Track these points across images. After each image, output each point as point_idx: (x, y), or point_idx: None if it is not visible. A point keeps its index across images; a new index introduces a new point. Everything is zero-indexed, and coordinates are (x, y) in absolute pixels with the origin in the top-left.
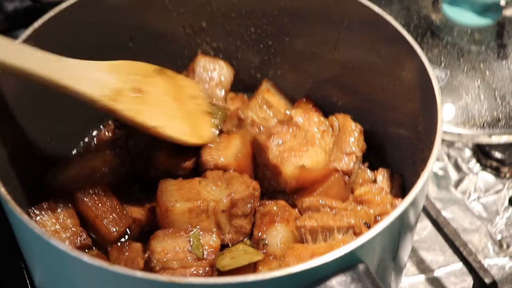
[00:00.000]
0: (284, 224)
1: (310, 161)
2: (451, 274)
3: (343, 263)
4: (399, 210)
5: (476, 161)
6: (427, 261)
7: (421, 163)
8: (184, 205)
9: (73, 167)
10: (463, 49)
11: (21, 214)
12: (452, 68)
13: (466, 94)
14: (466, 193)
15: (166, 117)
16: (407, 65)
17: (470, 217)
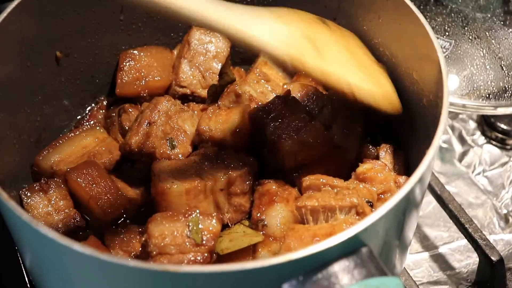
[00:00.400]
0: (283, 204)
1: (308, 136)
2: (455, 250)
3: (346, 248)
4: (404, 190)
5: (481, 133)
6: (431, 238)
7: (426, 139)
8: (181, 186)
9: (64, 146)
10: (468, 17)
11: (7, 200)
12: (456, 37)
13: (471, 64)
14: (471, 166)
15: (355, 72)
16: (409, 35)
17: (475, 191)
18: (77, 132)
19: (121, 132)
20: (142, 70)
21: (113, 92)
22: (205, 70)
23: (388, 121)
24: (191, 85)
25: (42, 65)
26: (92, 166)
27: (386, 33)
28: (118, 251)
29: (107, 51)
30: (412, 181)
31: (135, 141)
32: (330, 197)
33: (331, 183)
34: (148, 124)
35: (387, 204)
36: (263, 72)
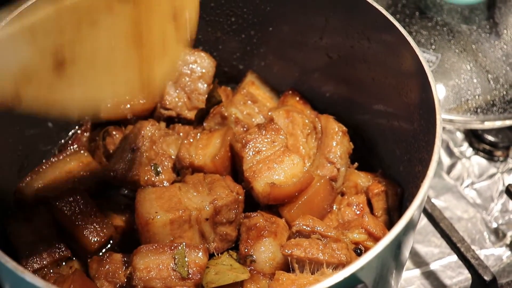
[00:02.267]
0: (272, 239)
1: (284, 175)
2: (447, 267)
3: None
4: (397, 229)
5: (469, 144)
6: (422, 254)
7: (418, 163)
8: (165, 217)
9: (48, 172)
10: (454, 29)
11: None
12: (443, 51)
13: (458, 77)
14: (459, 179)
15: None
16: (398, 55)
17: (464, 205)
18: (60, 156)
19: (105, 156)
20: None
21: None
22: (190, 92)
23: (378, 141)
24: (176, 107)
25: None
26: (77, 193)
27: (374, 53)
28: (104, 282)
29: None
30: (404, 221)
31: (119, 167)
32: (318, 249)
33: (320, 232)
34: (132, 150)
35: (383, 241)
36: (250, 92)
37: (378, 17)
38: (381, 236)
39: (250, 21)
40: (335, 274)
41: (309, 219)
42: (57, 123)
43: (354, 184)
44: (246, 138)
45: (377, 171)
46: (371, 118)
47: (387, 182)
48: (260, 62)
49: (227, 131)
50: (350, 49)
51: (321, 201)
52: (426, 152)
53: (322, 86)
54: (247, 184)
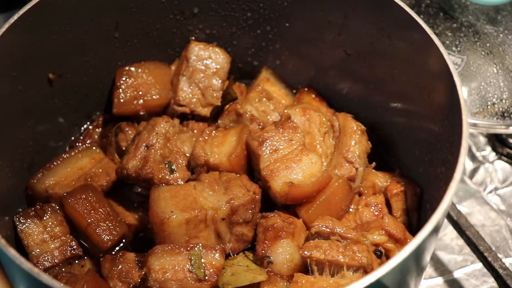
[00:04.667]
0: (289, 240)
1: (302, 174)
2: (471, 275)
3: None
4: (423, 234)
5: (492, 149)
6: (445, 262)
7: (440, 164)
8: (181, 216)
9: (59, 168)
10: (480, 31)
11: (5, 247)
12: (468, 53)
13: (484, 80)
14: (483, 184)
15: None
16: (422, 54)
17: (488, 211)
18: (72, 153)
19: (118, 152)
20: (140, 88)
21: (109, 109)
22: (205, 88)
23: (397, 140)
24: (190, 103)
25: (34, 88)
26: (89, 190)
27: (395, 51)
28: (117, 282)
29: (102, 69)
30: (428, 228)
31: (132, 165)
32: (338, 252)
33: (340, 233)
34: (145, 147)
35: (408, 247)
36: (265, 89)
37: (402, 15)
38: (402, 238)
39: (266, 16)
40: (361, 279)
41: (328, 220)
42: (68, 118)
43: (372, 184)
44: (263, 136)
45: (394, 171)
46: (389, 116)
47: (406, 182)
48: (275, 58)
49: (243, 129)
50: (369, 46)
51: (339, 202)
52: (450, 153)
53: (338, 83)
54: (264, 183)
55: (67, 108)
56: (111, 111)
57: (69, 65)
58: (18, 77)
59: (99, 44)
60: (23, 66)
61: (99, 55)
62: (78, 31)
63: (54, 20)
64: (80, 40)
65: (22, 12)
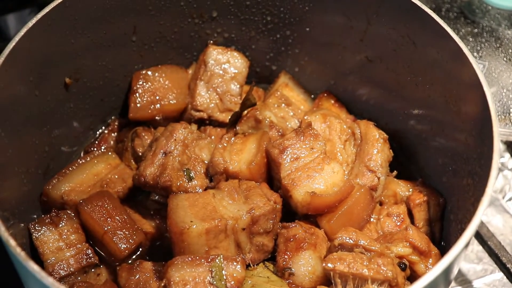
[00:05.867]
0: (312, 251)
1: (324, 184)
2: (490, 285)
3: None
4: (455, 251)
5: (511, 156)
6: (464, 271)
7: (467, 175)
8: (201, 226)
9: (75, 174)
10: (501, 37)
11: (26, 261)
12: (490, 59)
13: (506, 87)
14: (502, 191)
15: None
16: (449, 63)
17: (508, 219)
18: (87, 158)
19: (134, 158)
20: (157, 93)
21: (124, 113)
22: (222, 93)
23: (419, 149)
24: (208, 109)
25: (51, 93)
26: (106, 197)
27: (420, 58)
28: None
29: (118, 73)
30: (463, 242)
31: (150, 173)
32: (362, 265)
33: (364, 246)
34: (164, 154)
35: (439, 266)
36: (284, 94)
37: (428, 22)
38: (426, 250)
39: (286, 20)
40: None
41: (352, 232)
42: (83, 123)
43: (393, 193)
44: (284, 144)
45: (416, 179)
46: (412, 124)
47: (429, 191)
48: (294, 63)
49: (262, 136)
50: (393, 53)
51: (361, 211)
52: (479, 165)
53: (359, 89)
54: (285, 193)
55: (82, 113)
56: (127, 116)
57: (86, 69)
58: (35, 81)
59: (116, 48)
60: (40, 70)
61: (116, 59)
62: (95, 34)
63: (71, 23)
64: (98, 44)
65: (40, 16)
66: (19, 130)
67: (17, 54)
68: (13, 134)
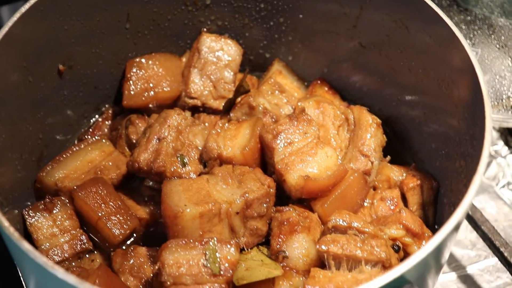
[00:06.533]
0: (305, 234)
1: (317, 168)
2: (484, 270)
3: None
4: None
5: (504, 143)
6: (458, 257)
7: (459, 158)
8: (195, 210)
9: (69, 161)
10: (494, 24)
11: (19, 241)
12: (483, 46)
13: (499, 74)
14: (495, 179)
15: None
16: (442, 47)
17: (501, 205)
18: (81, 145)
19: (128, 145)
20: (150, 80)
21: (118, 101)
22: (216, 80)
23: (412, 134)
24: (201, 96)
25: (44, 80)
26: (100, 183)
27: (413, 43)
28: (128, 277)
29: (112, 61)
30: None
31: (144, 158)
32: (356, 246)
33: (358, 227)
34: (157, 140)
35: (431, 242)
36: (278, 82)
37: (421, 7)
38: (419, 232)
39: (280, 7)
40: (384, 274)
41: (345, 214)
42: (77, 111)
43: (387, 178)
44: (277, 129)
45: (409, 164)
46: (405, 110)
47: (422, 175)
48: (288, 50)
49: (256, 122)
50: (386, 38)
51: (354, 196)
52: (471, 146)
53: (352, 76)
54: (279, 177)
55: (76, 100)
56: (121, 104)
57: (79, 56)
58: (29, 67)
59: (110, 35)
60: (34, 56)
61: (110, 46)
62: (89, 21)
63: (64, 10)
64: (91, 31)
65: (33, 2)
66: (12, 116)
67: (10, 40)
68: (6, 119)
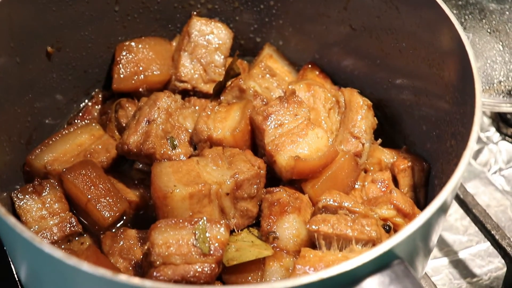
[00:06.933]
0: (296, 214)
1: (308, 149)
2: (476, 255)
3: (379, 262)
4: (437, 203)
5: (496, 129)
6: (450, 242)
7: (450, 137)
8: (184, 191)
9: (58, 144)
10: (485, 9)
11: (5, 216)
12: (474, 30)
13: (489, 58)
14: (487, 165)
15: None
16: (431, 26)
17: (493, 191)
18: (71, 129)
19: (118, 129)
20: (140, 64)
21: (108, 85)
22: (206, 64)
23: (403, 116)
24: (192, 79)
25: (32, 61)
26: (89, 166)
27: (404, 23)
28: (118, 258)
29: (101, 44)
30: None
31: (134, 140)
32: (346, 226)
33: (348, 207)
34: (147, 122)
35: (421, 217)
36: (268, 66)
37: None
38: (410, 213)
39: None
40: (373, 249)
41: (336, 194)
42: (66, 95)
43: (378, 160)
44: (268, 111)
45: (400, 147)
46: (396, 92)
47: (413, 158)
48: (278, 35)
49: (246, 104)
50: (376, 20)
51: (345, 177)
52: (462, 124)
53: (343, 59)
54: (269, 158)
55: (65, 84)
56: (111, 88)
57: (68, 38)
58: (16, 48)
59: (99, 17)
60: (21, 37)
61: (99, 29)
62: (77, 3)
63: None
64: (80, 13)
65: None
66: (0, 97)
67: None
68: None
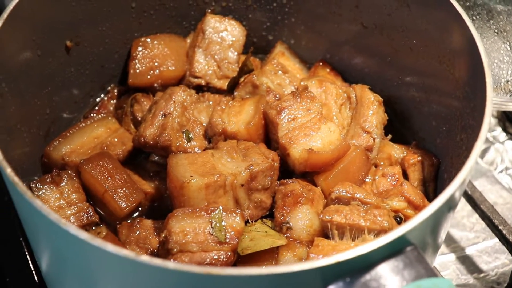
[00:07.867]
0: (309, 206)
1: (321, 142)
2: (483, 252)
3: (393, 248)
4: (447, 194)
5: (502, 129)
6: (457, 239)
7: (460, 131)
8: (201, 181)
9: (76, 137)
10: (492, 10)
11: (31, 199)
12: (481, 31)
13: (497, 58)
14: (493, 164)
15: None
16: (443, 23)
17: (500, 190)
18: (88, 122)
19: (133, 123)
20: (156, 59)
21: (123, 81)
22: (220, 60)
23: (413, 113)
24: (206, 75)
25: (52, 55)
26: (106, 157)
27: (415, 21)
28: (135, 247)
29: (118, 40)
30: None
31: (150, 133)
32: (359, 216)
33: (360, 198)
34: (163, 115)
35: (433, 204)
36: (281, 63)
37: None
38: (421, 205)
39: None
40: (387, 234)
41: (348, 185)
42: (83, 89)
43: (388, 155)
44: (281, 105)
45: (410, 143)
46: (406, 89)
47: (423, 153)
48: (290, 33)
49: (260, 99)
50: (387, 18)
51: (356, 171)
52: (472, 118)
53: (354, 57)
54: (283, 151)
55: (82, 78)
56: (126, 83)
57: (86, 33)
58: (37, 41)
59: (116, 13)
60: (42, 30)
61: (116, 25)
62: None
63: None
64: (98, 9)
65: None
66: (21, 88)
67: (20, 13)
68: (15, 91)
